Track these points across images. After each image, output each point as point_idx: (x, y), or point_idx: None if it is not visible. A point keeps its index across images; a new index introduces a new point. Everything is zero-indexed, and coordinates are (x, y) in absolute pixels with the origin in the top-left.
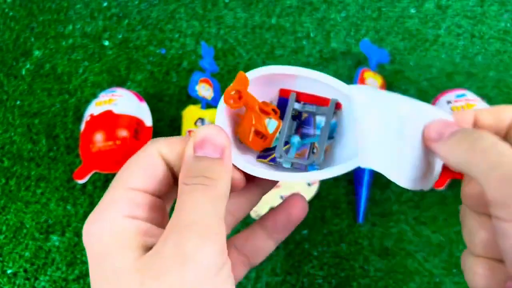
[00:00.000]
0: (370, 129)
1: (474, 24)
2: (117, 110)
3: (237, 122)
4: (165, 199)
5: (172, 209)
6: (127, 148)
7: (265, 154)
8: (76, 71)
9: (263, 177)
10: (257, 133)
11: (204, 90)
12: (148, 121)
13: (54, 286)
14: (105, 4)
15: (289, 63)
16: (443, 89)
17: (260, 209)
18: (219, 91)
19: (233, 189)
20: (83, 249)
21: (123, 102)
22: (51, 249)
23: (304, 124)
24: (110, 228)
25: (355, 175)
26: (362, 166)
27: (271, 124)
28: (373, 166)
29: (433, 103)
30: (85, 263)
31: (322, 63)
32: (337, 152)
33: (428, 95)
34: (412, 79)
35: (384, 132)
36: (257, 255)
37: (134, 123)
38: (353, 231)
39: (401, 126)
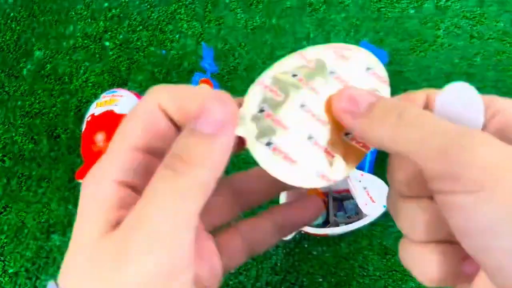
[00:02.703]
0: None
1: (473, 25)
2: (118, 110)
3: None
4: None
5: None
6: None
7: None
8: (77, 71)
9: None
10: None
11: None
12: None
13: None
14: (106, 4)
15: None
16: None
17: None
18: None
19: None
20: None
21: (124, 102)
22: (52, 248)
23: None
24: (93, 194)
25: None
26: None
27: None
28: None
29: None
30: None
31: None
32: None
33: None
34: (412, 80)
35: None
36: (261, 245)
37: None
38: (353, 230)
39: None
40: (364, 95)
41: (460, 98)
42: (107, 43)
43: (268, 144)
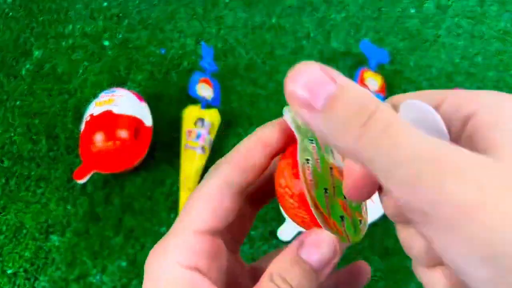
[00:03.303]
0: None
1: (474, 24)
2: (117, 110)
3: None
4: (232, 236)
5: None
6: (127, 148)
7: None
8: (76, 71)
9: None
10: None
11: (204, 90)
12: (148, 121)
13: (54, 286)
14: (105, 4)
15: (289, 63)
16: (443, 89)
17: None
18: (219, 91)
19: None
20: (83, 249)
21: (123, 102)
22: (51, 249)
23: None
24: (167, 276)
25: None
26: None
27: None
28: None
29: None
30: (85, 263)
31: (322, 63)
32: None
33: None
34: (412, 79)
35: None
36: None
37: (134, 123)
38: None
39: None
40: (323, 82)
41: (418, 116)
42: (106, 43)
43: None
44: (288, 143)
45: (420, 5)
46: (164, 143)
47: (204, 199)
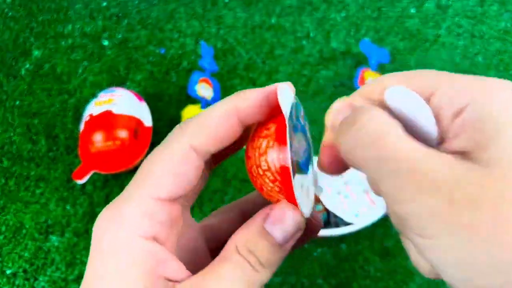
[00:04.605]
0: None
1: (474, 24)
2: (116, 110)
3: None
4: (184, 203)
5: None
6: (126, 148)
7: None
8: (75, 71)
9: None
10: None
11: (203, 89)
12: (147, 121)
13: (53, 287)
14: (104, 4)
15: (288, 63)
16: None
17: None
18: (219, 91)
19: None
20: (83, 249)
21: (123, 102)
22: (51, 249)
23: None
24: (126, 248)
25: None
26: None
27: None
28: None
29: None
30: (84, 263)
31: (322, 63)
32: None
33: None
34: None
35: None
36: None
37: (134, 123)
38: (353, 232)
39: None
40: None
41: (407, 104)
42: (105, 43)
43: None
44: (266, 116)
45: (420, 5)
46: None
47: (166, 164)
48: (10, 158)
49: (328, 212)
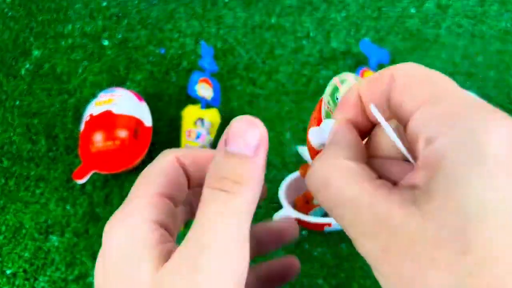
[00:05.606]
0: None
1: (475, 24)
2: (116, 110)
3: None
4: (177, 204)
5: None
6: (126, 148)
7: None
8: (75, 71)
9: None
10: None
11: (203, 89)
12: (147, 121)
13: (53, 287)
14: (104, 4)
15: (289, 63)
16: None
17: None
18: (219, 90)
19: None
20: (83, 249)
21: (123, 102)
22: (51, 249)
23: None
24: (132, 234)
25: None
26: None
27: None
28: None
29: None
30: (84, 263)
31: (322, 63)
32: None
33: None
34: None
35: None
36: None
37: (134, 123)
38: None
39: None
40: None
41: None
42: (105, 42)
43: None
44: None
45: (421, 4)
46: (164, 143)
47: (159, 168)
48: (10, 158)
49: None
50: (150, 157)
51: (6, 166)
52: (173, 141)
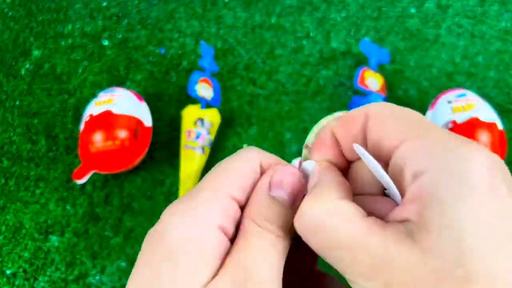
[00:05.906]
0: None
1: (475, 24)
2: (116, 110)
3: None
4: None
5: None
6: (126, 148)
7: None
8: (75, 71)
9: None
10: None
11: (203, 89)
12: (147, 121)
13: (53, 287)
14: (104, 4)
15: (289, 63)
16: (444, 89)
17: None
18: (219, 90)
19: None
20: (83, 249)
21: (123, 102)
22: (51, 249)
23: None
24: (198, 237)
25: None
26: None
27: None
28: None
29: (434, 103)
30: (84, 263)
31: (322, 63)
32: None
33: (428, 95)
34: (412, 79)
35: None
36: None
37: (134, 123)
38: None
39: None
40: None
41: (368, 162)
42: (105, 42)
43: None
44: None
45: (421, 4)
46: (164, 143)
47: (238, 169)
48: (10, 158)
49: None
50: (150, 157)
51: (6, 166)
52: (173, 141)
